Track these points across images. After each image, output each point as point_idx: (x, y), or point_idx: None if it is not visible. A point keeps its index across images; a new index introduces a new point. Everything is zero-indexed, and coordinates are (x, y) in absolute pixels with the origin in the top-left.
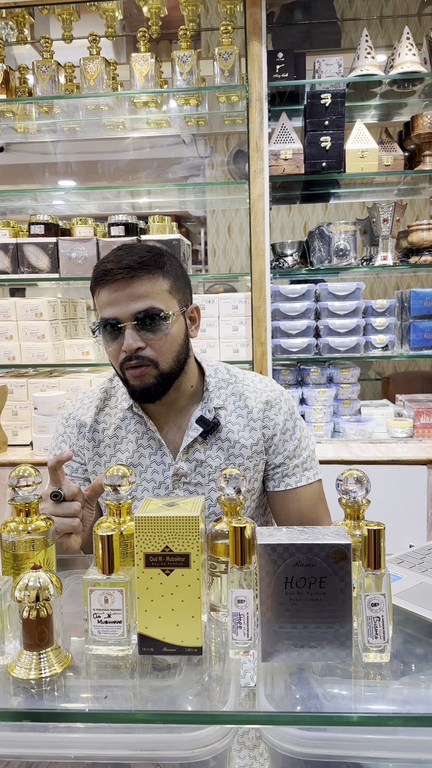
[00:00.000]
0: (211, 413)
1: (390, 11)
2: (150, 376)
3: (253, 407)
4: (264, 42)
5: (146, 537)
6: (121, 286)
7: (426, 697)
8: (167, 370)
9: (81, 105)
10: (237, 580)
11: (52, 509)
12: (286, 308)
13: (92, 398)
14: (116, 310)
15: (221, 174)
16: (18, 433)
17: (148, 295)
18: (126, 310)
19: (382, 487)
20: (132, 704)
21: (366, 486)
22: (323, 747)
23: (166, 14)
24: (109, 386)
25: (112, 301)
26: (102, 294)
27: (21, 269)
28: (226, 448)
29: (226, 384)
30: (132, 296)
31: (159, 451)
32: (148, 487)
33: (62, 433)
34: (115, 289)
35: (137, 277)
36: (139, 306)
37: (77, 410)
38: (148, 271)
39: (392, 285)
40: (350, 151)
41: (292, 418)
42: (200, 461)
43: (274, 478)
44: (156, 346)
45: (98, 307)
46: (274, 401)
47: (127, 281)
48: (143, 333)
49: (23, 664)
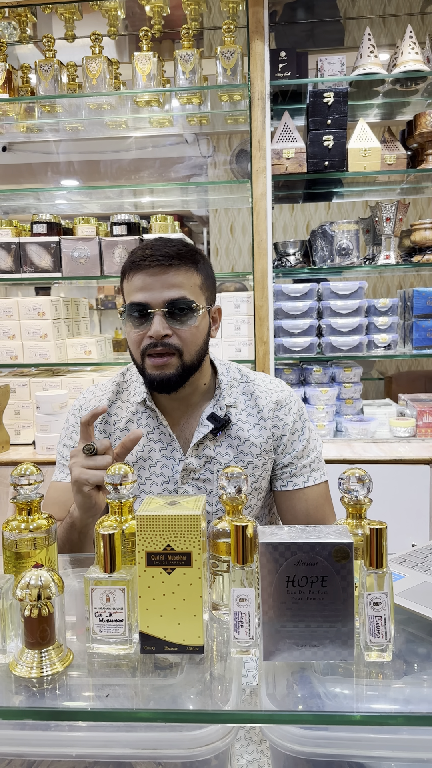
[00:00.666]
0: (222, 410)
1: (393, 10)
2: (172, 367)
3: (264, 406)
4: (266, 41)
5: (148, 535)
6: (156, 273)
7: (428, 697)
8: (189, 363)
9: (83, 104)
10: (239, 579)
11: (84, 462)
12: (289, 307)
13: (104, 391)
14: (148, 296)
15: (224, 173)
16: (20, 432)
17: (181, 285)
18: (158, 297)
19: (384, 486)
20: (134, 703)
21: (368, 485)
22: (325, 746)
23: (169, 13)
24: (121, 380)
25: (146, 286)
26: (135, 278)
27: (24, 268)
28: (235, 445)
29: (237, 383)
30: (166, 284)
31: (169, 446)
32: (157, 482)
33: (73, 424)
34: (150, 275)
35: (174, 266)
36: (172, 294)
37: (89, 401)
38: (184, 263)
39: (395, 284)
40: (353, 150)
41: (301, 419)
42: (210, 458)
43: (282, 478)
44: (183, 336)
45: (127, 292)
46: (284, 401)
47: (164, 269)
48: (171, 322)
49: (25, 663)
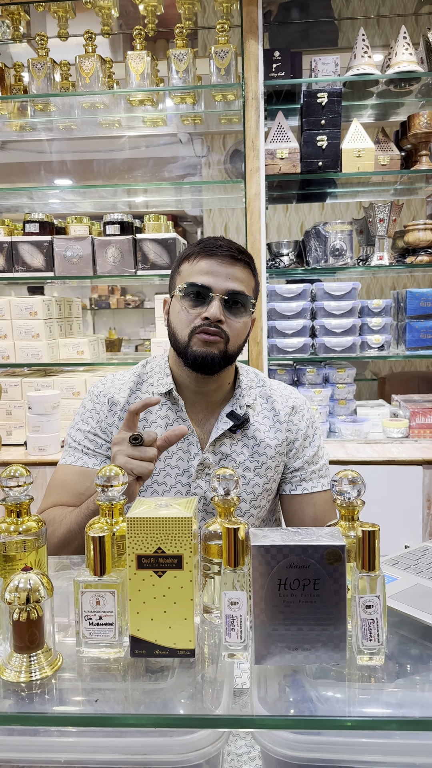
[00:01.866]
0: (242, 409)
1: (387, 11)
2: (218, 347)
3: (280, 410)
4: (260, 40)
5: (138, 538)
6: (225, 263)
7: (421, 701)
8: (230, 353)
9: (76, 103)
10: (230, 582)
11: (130, 451)
12: (282, 308)
13: (124, 380)
14: (213, 280)
15: (218, 173)
16: (12, 432)
17: (243, 281)
18: (223, 284)
19: (377, 487)
20: (123, 707)
21: (360, 487)
22: (317, 751)
23: (163, 12)
24: (142, 371)
25: (213, 271)
26: (202, 262)
27: (16, 268)
28: (251, 445)
29: (255, 385)
30: (231, 276)
31: (186, 439)
32: (172, 473)
33: (90, 409)
34: (219, 263)
35: (241, 262)
36: (235, 286)
37: (108, 389)
38: (248, 264)
39: (388, 285)
40: (346, 151)
41: (313, 426)
42: (226, 455)
43: (291, 482)
44: (232, 326)
45: (188, 273)
46: (299, 407)
47: (233, 261)
48: (227, 311)
49: (13, 667)
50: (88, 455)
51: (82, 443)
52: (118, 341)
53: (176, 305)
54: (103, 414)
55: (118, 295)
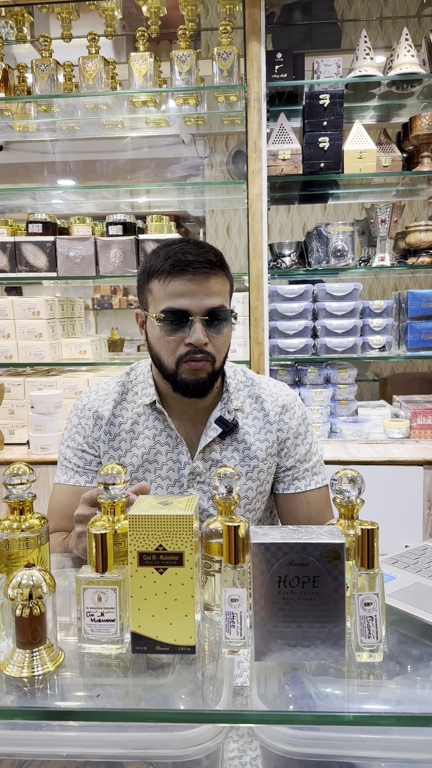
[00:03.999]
0: (230, 414)
1: (390, 12)
2: (205, 372)
3: (270, 410)
4: (263, 42)
5: (140, 535)
6: (199, 280)
7: (419, 697)
8: (218, 369)
9: (80, 104)
10: (230, 579)
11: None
12: (284, 308)
13: (108, 391)
14: (190, 303)
15: (220, 174)
16: (15, 431)
17: (219, 293)
18: (201, 304)
19: (378, 487)
20: (125, 703)
21: (359, 486)
22: (316, 746)
23: (166, 14)
24: (126, 380)
25: (188, 292)
26: (174, 283)
27: (19, 268)
28: (241, 449)
29: (243, 386)
30: (208, 292)
31: (176, 449)
32: (163, 485)
33: (76, 424)
34: (192, 281)
35: (214, 274)
36: (213, 303)
37: (93, 402)
38: (221, 270)
39: (390, 286)
40: (348, 152)
41: (305, 423)
42: (216, 461)
43: (284, 481)
44: (217, 344)
45: (162, 295)
46: (289, 405)
47: (206, 276)
48: (208, 330)
49: (16, 662)
50: (79, 473)
51: (72, 461)
52: (120, 341)
53: (155, 330)
54: (89, 429)
55: (121, 296)
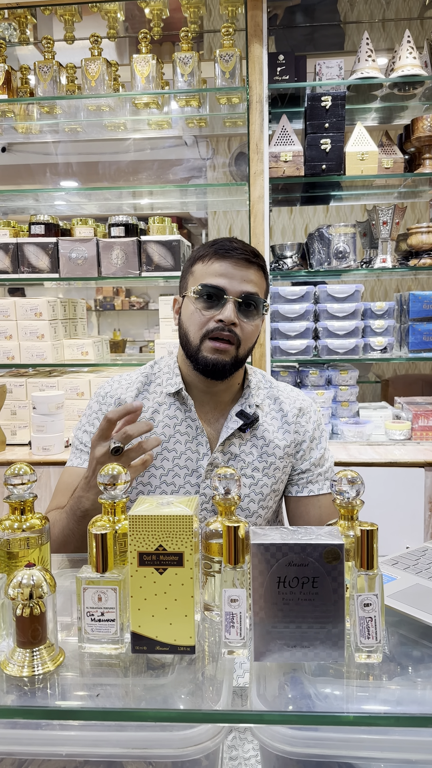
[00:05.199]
0: (251, 409)
1: (392, 14)
2: (229, 355)
3: (288, 411)
4: (265, 44)
5: (140, 535)
6: (240, 265)
7: (418, 698)
8: (241, 356)
9: (82, 106)
10: (230, 580)
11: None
12: (285, 310)
13: (131, 380)
14: (228, 282)
15: (223, 176)
16: (17, 432)
17: (256, 284)
18: (237, 287)
19: (379, 489)
20: (125, 702)
21: (359, 487)
22: (315, 747)
23: (168, 16)
24: (150, 372)
25: (227, 273)
26: (217, 264)
27: (21, 269)
28: (260, 446)
29: (263, 386)
30: (246, 278)
31: (195, 440)
32: (180, 473)
33: (96, 410)
34: (234, 265)
35: (255, 265)
36: (249, 288)
37: (115, 390)
38: (261, 266)
39: (393, 288)
40: (350, 154)
41: (320, 428)
42: (234, 455)
43: (298, 484)
44: (245, 330)
45: (201, 274)
46: (306, 409)
47: (247, 264)
48: (240, 314)
49: (16, 662)
50: None
51: (87, 445)
52: (123, 342)
53: (189, 306)
54: None
55: (123, 297)
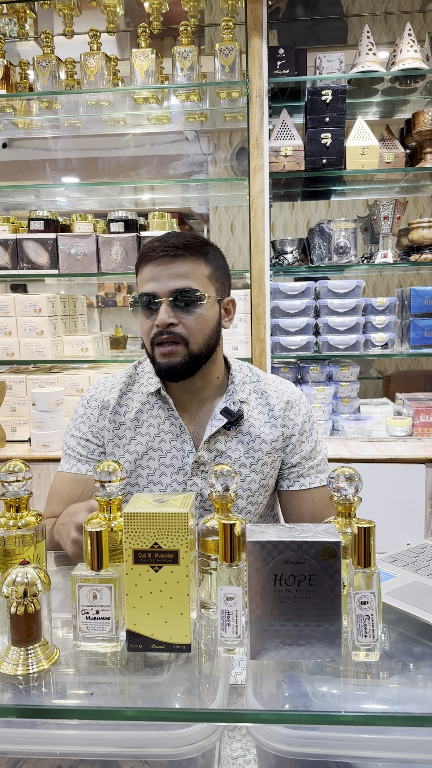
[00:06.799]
0: (235, 405)
1: (394, 7)
2: (179, 355)
3: (275, 405)
4: (265, 38)
5: (135, 533)
6: (163, 263)
7: (415, 697)
8: (196, 352)
9: (81, 101)
10: (226, 578)
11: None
12: (286, 305)
13: (115, 382)
14: (155, 286)
15: (224, 171)
16: (16, 429)
17: (187, 275)
18: (164, 287)
19: (380, 485)
20: (120, 701)
21: (357, 484)
22: (312, 746)
23: (168, 10)
24: (134, 372)
25: (153, 277)
26: (145, 270)
27: (21, 265)
28: (246, 441)
29: (249, 380)
30: (172, 274)
31: (180, 438)
32: (167, 472)
33: (82, 414)
34: (159, 265)
35: (180, 257)
36: (178, 284)
37: (99, 392)
38: (190, 254)
39: (395, 283)
40: (351, 148)
41: (310, 420)
42: (221, 452)
43: (289, 478)
44: (188, 325)
45: (139, 284)
46: (294, 402)
47: (171, 259)
48: (177, 311)
49: (11, 660)
50: (81, 461)
51: (75, 450)
52: (124, 338)
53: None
54: (93, 418)
55: (125, 293)
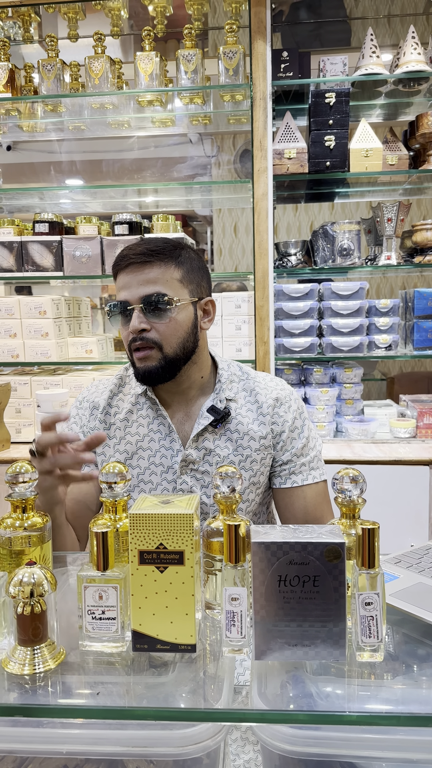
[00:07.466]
0: (222, 403)
1: (397, 10)
2: (154, 359)
3: (263, 402)
4: (269, 41)
5: (141, 534)
6: (134, 271)
7: (419, 697)
8: (171, 355)
9: (86, 104)
10: (231, 578)
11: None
12: (289, 307)
13: (107, 384)
14: (127, 293)
15: (227, 173)
16: (21, 430)
17: (156, 281)
18: (135, 294)
19: (384, 487)
20: (125, 701)
21: (361, 485)
22: (316, 746)
23: (172, 13)
24: (124, 374)
25: (125, 284)
26: (118, 279)
27: (25, 267)
28: (234, 439)
29: (237, 379)
30: (142, 281)
31: (168, 437)
32: (157, 471)
33: (74, 416)
34: (129, 272)
35: (149, 263)
36: (147, 290)
37: (91, 394)
38: (160, 259)
39: (398, 285)
40: (354, 151)
41: (301, 417)
42: (209, 450)
43: (281, 475)
44: (161, 329)
45: (116, 292)
46: (284, 399)
47: (139, 266)
48: (149, 316)
49: (17, 660)
50: None
51: None
52: None
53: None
54: (84, 419)
55: None
